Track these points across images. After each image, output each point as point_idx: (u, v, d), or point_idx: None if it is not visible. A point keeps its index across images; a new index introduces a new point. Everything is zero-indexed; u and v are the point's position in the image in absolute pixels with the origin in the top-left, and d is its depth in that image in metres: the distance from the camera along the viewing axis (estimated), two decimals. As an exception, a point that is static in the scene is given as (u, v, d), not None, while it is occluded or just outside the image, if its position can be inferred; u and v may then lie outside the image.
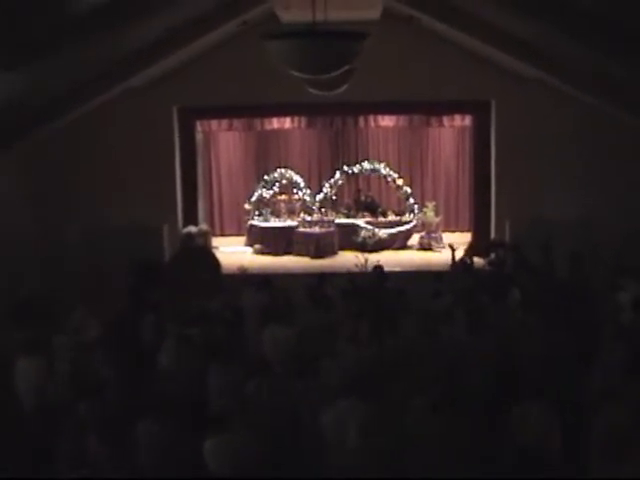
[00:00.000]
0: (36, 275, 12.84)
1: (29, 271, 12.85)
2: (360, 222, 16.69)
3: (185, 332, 8.37)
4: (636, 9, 7.44)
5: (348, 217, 17.05)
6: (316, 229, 16.21)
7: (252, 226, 16.92)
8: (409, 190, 17.20)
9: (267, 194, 17.22)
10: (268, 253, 16.22)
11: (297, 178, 17.38)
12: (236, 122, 16.97)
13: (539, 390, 6.44)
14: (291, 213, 17.16)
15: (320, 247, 15.86)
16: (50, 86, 11.32)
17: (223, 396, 7.11)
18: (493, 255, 12.48)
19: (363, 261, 12.50)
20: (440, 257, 15.35)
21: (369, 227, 16.52)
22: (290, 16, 11.74)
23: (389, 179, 17.27)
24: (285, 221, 16.85)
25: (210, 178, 18.41)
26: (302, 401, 7.02)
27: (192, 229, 14.83)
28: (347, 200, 17.93)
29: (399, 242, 16.66)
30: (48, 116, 12.83)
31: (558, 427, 6.12)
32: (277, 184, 17.31)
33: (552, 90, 13.54)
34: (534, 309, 9.07)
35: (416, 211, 16.97)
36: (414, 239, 16.87)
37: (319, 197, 17.26)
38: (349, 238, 16.40)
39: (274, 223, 16.80)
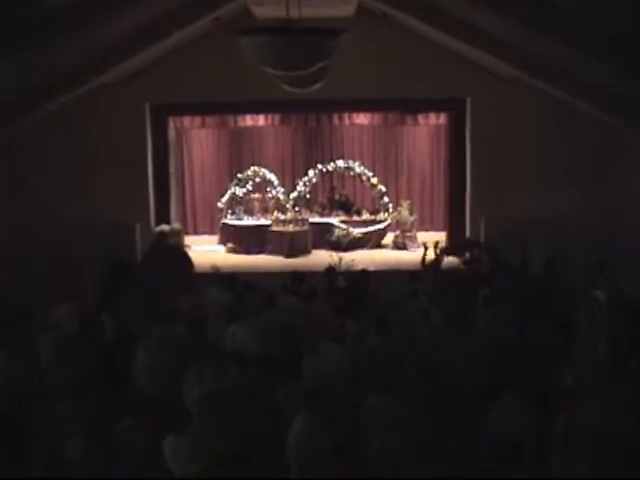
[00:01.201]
0: (7, 272, 12.65)
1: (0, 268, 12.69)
2: (334, 221, 16.61)
3: (160, 332, 8.27)
4: (615, 6, 7.44)
5: (322, 216, 16.97)
6: (290, 228, 16.09)
7: (225, 225, 16.78)
8: (384, 189, 17.13)
9: (240, 192, 17.07)
10: (241, 252, 16.11)
11: (271, 176, 17.21)
12: (209, 119, 16.87)
13: (516, 387, 6.41)
14: (265, 211, 17.03)
15: (294, 246, 15.75)
16: (20, 83, 11.14)
17: (191, 395, 7.00)
18: (468, 254, 12.46)
19: (337, 260, 12.43)
20: (415, 256, 15.26)
21: (343, 226, 16.44)
22: (264, 12, 11.67)
23: (363, 177, 17.19)
24: (258, 220, 16.71)
25: (183, 176, 18.23)
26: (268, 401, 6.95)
27: (165, 228, 14.69)
28: (321, 199, 17.82)
29: (373, 241, 16.59)
30: (19, 113, 12.63)
31: (535, 423, 6.11)
32: (250, 182, 17.16)
33: (528, 88, 13.47)
34: (509, 308, 9.04)
35: (391, 210, 16.92)
36: (388, 238, 16.82)
37: (293, 195, 17.11)
38: (323, 237, 16.31)
39: (247, 222, 16.66)
